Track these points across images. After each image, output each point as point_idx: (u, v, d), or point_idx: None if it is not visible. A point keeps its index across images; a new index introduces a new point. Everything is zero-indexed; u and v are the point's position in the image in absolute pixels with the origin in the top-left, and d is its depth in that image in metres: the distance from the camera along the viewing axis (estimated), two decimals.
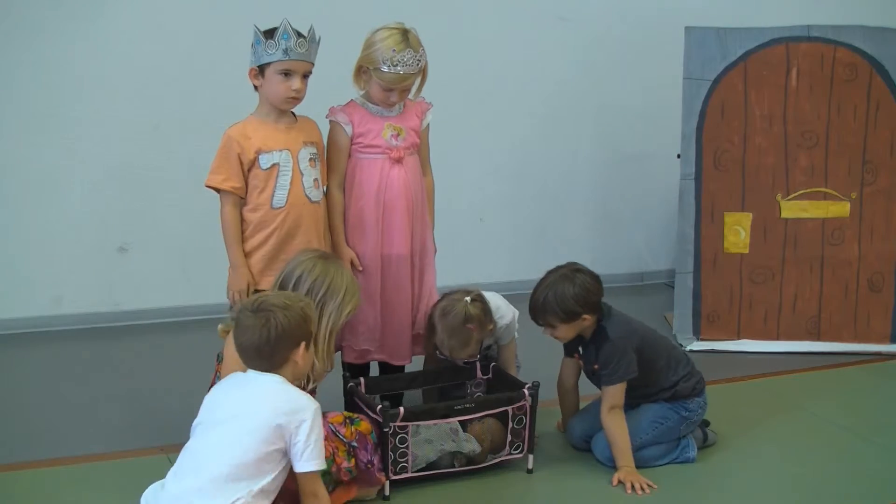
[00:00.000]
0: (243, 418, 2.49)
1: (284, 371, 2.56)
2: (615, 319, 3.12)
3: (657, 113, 5.04)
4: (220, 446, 2.47)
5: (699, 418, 3.22)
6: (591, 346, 3.13)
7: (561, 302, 3.04)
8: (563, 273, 3.10)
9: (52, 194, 4.35)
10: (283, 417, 2.46)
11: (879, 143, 4.33)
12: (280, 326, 2.51)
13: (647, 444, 3.13)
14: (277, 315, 2.51)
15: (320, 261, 2.93)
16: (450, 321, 3.18)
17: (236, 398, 2.55)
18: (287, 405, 2.49)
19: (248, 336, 2.53)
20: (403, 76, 3.16)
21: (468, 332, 3.18)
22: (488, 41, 4.87)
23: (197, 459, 2.50)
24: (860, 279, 4.37)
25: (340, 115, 3.25)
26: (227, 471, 2.43)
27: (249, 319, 2.53)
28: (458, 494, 2.98)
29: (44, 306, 4.40)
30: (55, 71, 4.25)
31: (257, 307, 2.54)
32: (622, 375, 3.06)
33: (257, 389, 2.54)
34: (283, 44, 3.01)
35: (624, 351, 3.06)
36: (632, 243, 5.44)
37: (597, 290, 3.09)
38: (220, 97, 3.96)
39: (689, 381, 3.19)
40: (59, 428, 3.41)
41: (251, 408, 2.50)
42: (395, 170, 3.25)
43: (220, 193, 3.11)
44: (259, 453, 2.45)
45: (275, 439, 2.47)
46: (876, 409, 3.71)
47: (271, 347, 2.52)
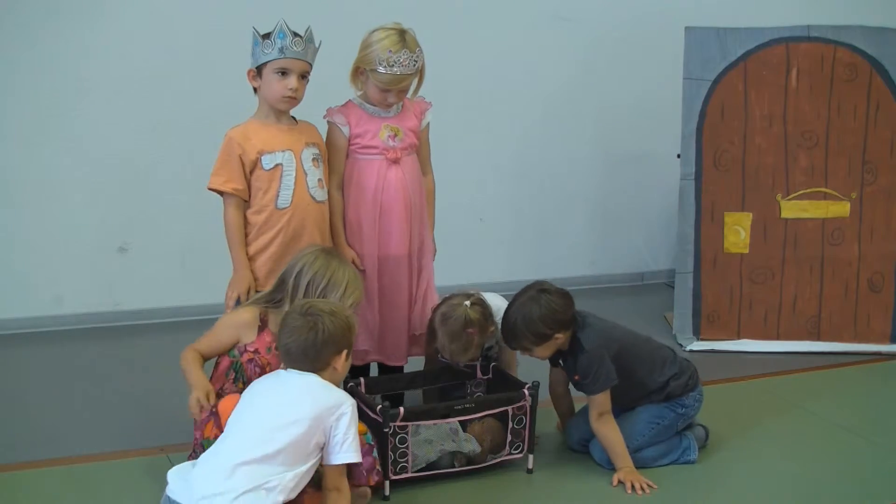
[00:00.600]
0: (285, 408, 2.53)
1: (324, 376, 2.62)
2: (590, 329, 3.08)
3: (657, 113, 5.03)
4: (258, 433, 2.50)
5: (695, 413, 3.21)
6: (568, 357, 3.11)
7: (530, 325, 3.01)
8: (530, 295, 3.06)
9: (52, 194, 4.34)
10: (325, 410, 2.52)
11: (879, 143, 4.33)
12: (327, 331, 2.59)
13: (646, 444, 3.13)
14: (325, 320, 2.59)
15: (322, 254, 2.95)
16: (450, 326, 3.17)
17: (278, 392, 2.59)
18: (329, 399, 2.55)
19: (294, 337, 2.59)
20: (400, 77, 3.15)
21: (469, 336, 3.18)
22: (488, 41, 4.87)
23: (233, 444, 2.52)
24: (860, 279, 4.37)
25: (337, 116, 3.25)
26: (261, 455, 2.46)
27: (298, 321, 2.60)
28: (458, 494, 2.98)
29: (44, 306, 4.40)
30: (55, 71, 4.25)
31: (306, 311, 2.62)
32: (603, 384, 3.04)
33: (300, 384, 2.59)
34: (279, 43, 3.01)
35: (601, 360, 3.04)
36: (632, 243, 5.43)
37: (564, 307, 3.05)
38: (221, 97, 3.96)
39: (681, 380, 3.17)
40: (59, 428, 3.41)
41: (293, 399, 2.55)
42: (392, 170, 3.25)
43: (223, 196, 3.11)
44: (297, 443, 2.49)
45: (314, 431, 2.51)
46: (876, 409, 3.71)
47: (317, 350, 2.59)
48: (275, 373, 2.68)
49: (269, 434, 2.49)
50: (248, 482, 2.42)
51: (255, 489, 2.42)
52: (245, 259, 3.11)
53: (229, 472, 2.44)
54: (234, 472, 2.43)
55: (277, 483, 2.44)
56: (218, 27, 4.32)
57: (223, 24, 4.30)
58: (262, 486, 2.42)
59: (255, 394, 2.64)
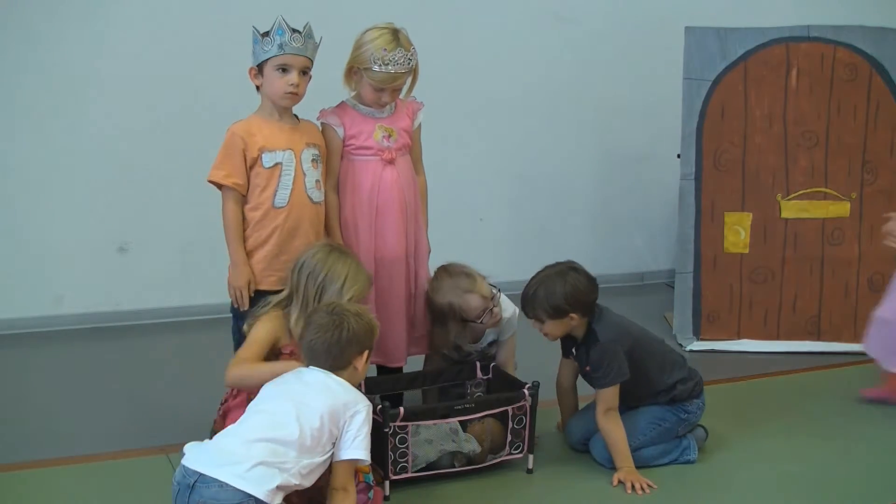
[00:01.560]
0: (302, 402, 2.55)
1: (344, 374, 2.65)
2: (606, 322, 3.11)
3: (657, 113, 5.04)
4: (277, 419, 2.52)
5: (697, 419, 3.23)
6: (582, 348, 3.14)
7: (550, 297, 3.04)
8: (559, 269, 3.11)
9: (53, 194, 4.35)
10: (341, 406, 2.56)
11: (879, 143, 4.33)
12: (352, 330, 2.65)
13: (646, 444, 3.13)
14: (350, 319, 2.66)
15: (324, 249, 2.99)
16: (440, 281, 3.29)
17: (297, 386, 2.62)
18: (346, 396, 2.60)
19: (320, 335, 2.64)
20: (394, 76, 3.16)
21: (462, 269, 3.31)
22: (488, 41, 4.87)
23: (252, 423, 2.55)
24: (860, 279, 4.37)
25: (331, 117, 3.25)
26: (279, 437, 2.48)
27: (324, 318, 2.66)
28: (458, 494, 2.98)
29: (44, 306, 4.40)
30: (55, 71, 4.26)
31: (332, 309, 2.69)
32: (614, 378, 3.05)
33: (320, 380, 2.62)
34: (278, 39, 3.02)
35: (614, 354, 3.05)
36: (632, 243, 5.44)
37: (588, 291, 3.09)
38: (221, 97, 3.97)
39: (688, 384, 3.19)
40: (59, 428, 3.41)
41: (312, 394, 2.58)
42: (387, 171, 3.25)
43: (222, 190, 3.11)
44: (312, 436, 2.51)
45: (329, 424, 2.54)
46: (876, 409, 3.70)
47: (340, 349, 2.64)
48: (296, 370, 2.70)
49: (286, 420, 2.51)
50: (266, 455, 2.44)
51: (270, 464, 2.44)
52: (243, 254, 3.11)
53: (248, 445, 2.46)
54: (252, 445, 2.46)
55: (292, 466, 2.47)
56: (218, 27, 4.33)
57: (224, 24, 4.30)
58: (276, 463, 2.44)
59: (275, 385, 2.66)
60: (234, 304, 3.12)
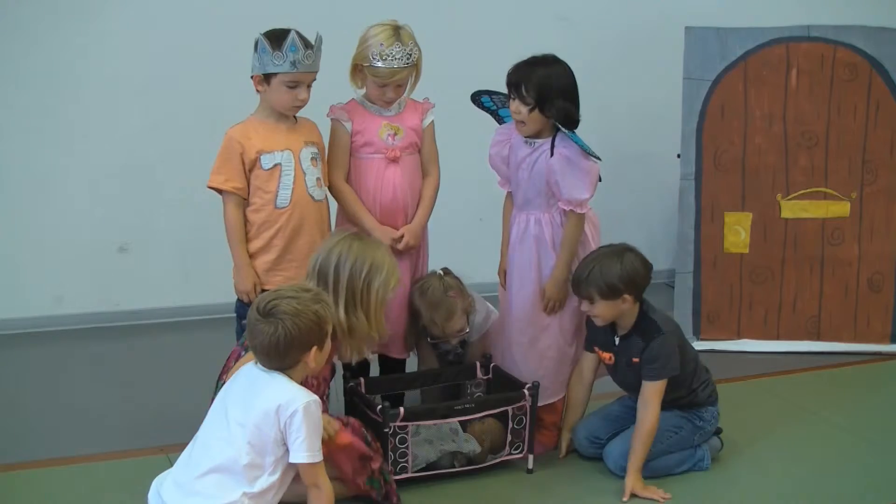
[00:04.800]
0: (236, 412, 2.55)
1: (295, 371, 2.60)
2: (660, 314, 3.07)
3: (657, 113, 5.03)
4: (224, 435, 2.54)
5: (712, 428, 3.18)
6: (634, 336, 3.05)
7: (606, 276, 2.97)
8: (615, 249, 3.06)
9: (52, 194, 4.35)
10: (279, 407, 2.50)
11: (879, 143, 4.33)
12: (289, 335, 2.52)
13: (661, 453, 3.08)
14: (287, 323, 2.51)
15: (355, 241, 2.93)
16: (430, 296, 3.22)
17: (243, 393, 2.60)
18: (284, 396, 2.52)
19: (259, 340, 2.55)
20: (394, 70, 3.16)
21: (451, 300, 3.22)
22: (488, 41, 4.86)
23: (202, 448, 2.57)
24: (860, 279, 4.37)
25: (340, 112, 3.27)
26: (220, 470, 2.50)
27: (260, 324, 2.54)
28: (458, 494, 2.98)
29: (44, 306, 4.40)
30: (55, 71, 4.25)
31: (267, 311, 2.53)
32: (668, 371, 3.00)
33: (261, 383, 2.57)
34: (291, 56, 3.00)
35: (673, 347, 3.02)
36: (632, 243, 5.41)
37: (643, 274, 3.03)
38: (221, 97, 3.96)
39: (706, 390, 3.16)
40: (59, 428, 3.41)
41: (255, 398, 2.55)
42: (390, 169, 3.26)
43: (223, 194, 3.11)
44: (259, 440, 2.50)
45: (266, 428, 2.51)
46: (876, 409, 3.71)
47: (280, 353, 2.55)
48: (248, 366, 2.65)
49: (219, 445, 2.53)
50: (214, 490, 2.49)
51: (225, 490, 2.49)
52: (246, 257, 3.11)
53: (195, 482, 2.52)
54: (198, 482, 2.51)
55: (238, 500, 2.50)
56: (218, 27, 4.32)
57: (224, 24, 4.30)
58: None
59: (225, 396, 2.65)
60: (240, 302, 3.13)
